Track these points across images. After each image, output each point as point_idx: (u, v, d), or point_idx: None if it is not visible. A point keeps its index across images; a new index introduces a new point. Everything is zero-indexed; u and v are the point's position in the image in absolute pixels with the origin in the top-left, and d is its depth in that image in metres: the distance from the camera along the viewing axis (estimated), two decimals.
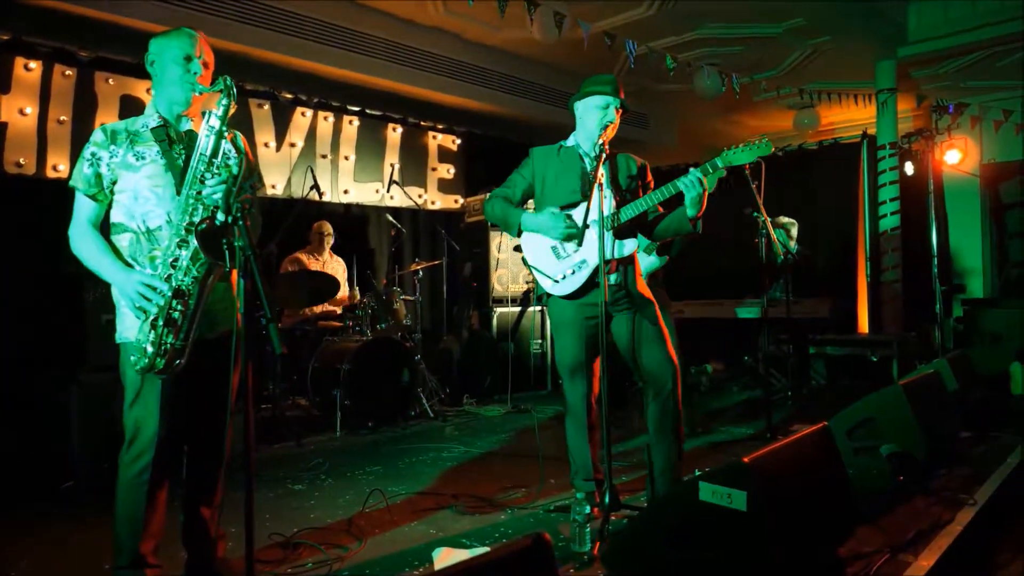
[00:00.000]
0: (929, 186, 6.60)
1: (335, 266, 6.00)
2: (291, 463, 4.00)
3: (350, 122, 6.78)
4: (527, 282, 6.82)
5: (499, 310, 6.58)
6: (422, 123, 7.41)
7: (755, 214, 4.28)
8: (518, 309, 6.64)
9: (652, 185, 3.02)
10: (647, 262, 4.21)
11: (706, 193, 2.75)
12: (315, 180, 5.27)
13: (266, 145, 6.17)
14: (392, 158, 7.09)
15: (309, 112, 6.46)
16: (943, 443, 3.54)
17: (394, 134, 7.15)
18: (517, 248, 6.19)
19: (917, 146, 7.63)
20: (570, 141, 3.03)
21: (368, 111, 6.90)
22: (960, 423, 3.93)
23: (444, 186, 7.60)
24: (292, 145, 6.34)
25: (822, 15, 6.12)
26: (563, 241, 2.88)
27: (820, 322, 6.41)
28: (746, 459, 1.98)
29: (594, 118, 2.86)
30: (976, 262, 8.49)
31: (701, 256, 7.36)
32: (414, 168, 7.31)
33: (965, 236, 8.44)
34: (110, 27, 4.76)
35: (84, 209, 2.19)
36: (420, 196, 7.31)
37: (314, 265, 5.83)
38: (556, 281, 2.88)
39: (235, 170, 1.90)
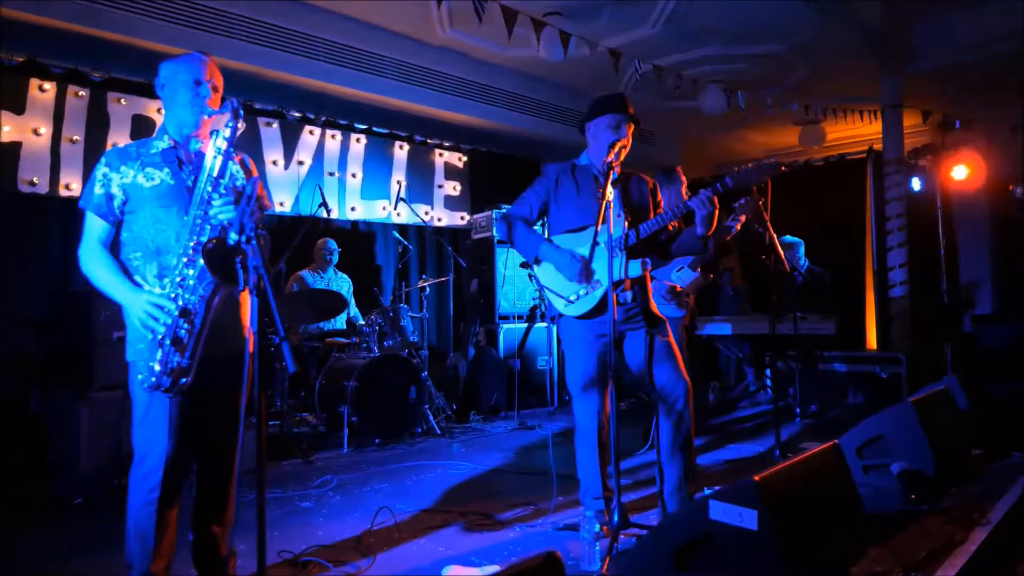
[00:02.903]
0: (937, 202, 6.59)
1: (340, 283, 6.02)
2: (299, 480, 4.00)
3: (357, 140, 6.83)
4: (533, 298, 6.83)
5: (505, 326, 6.59)
6: (429, 141, 7.45)
7: (761, 231, 4.28)
8: (525, 325, 6.64)
9: (662, 205, 3.07)
10: (689, 278, 4.23)
11: (716, 212, 2.77)
12: (323, 197, 5.31)
13: (274, 163, 6.22)
14: (399, 175, 7.13)
15: (317, 130, 6.52)
16: (954, 461, 3.52)
17: (401, 152, 7.20)
18: (523, 265, 6.24)
19: (924, 162, 7.66)
20: (583, 160, 3.06)
21: (375, 129, 6.95)
22: (971, 440, 3.91)
23: (451, 203, 7.64)
24: (300, 163, 6.39)
25: (825, 33, 6.15)
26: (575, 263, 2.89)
27: (827, 338, 6.40)
28: (756, 478, 1.98)
29: (606, 138, 2.89)
30: (985, 278, 8.46)
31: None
32: (421, 185, 7.35)
33: (973, 252, 8.41)
34: (122, 48, 4.82)
35: (94, 229, 2.21)
36: (427, 213, 7.34)
37: (318, 283, 5.86)
38: (570, 301, 2.89)
39: (249, 191, 1.92)
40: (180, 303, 2.06)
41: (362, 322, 5.70)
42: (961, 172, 7.67)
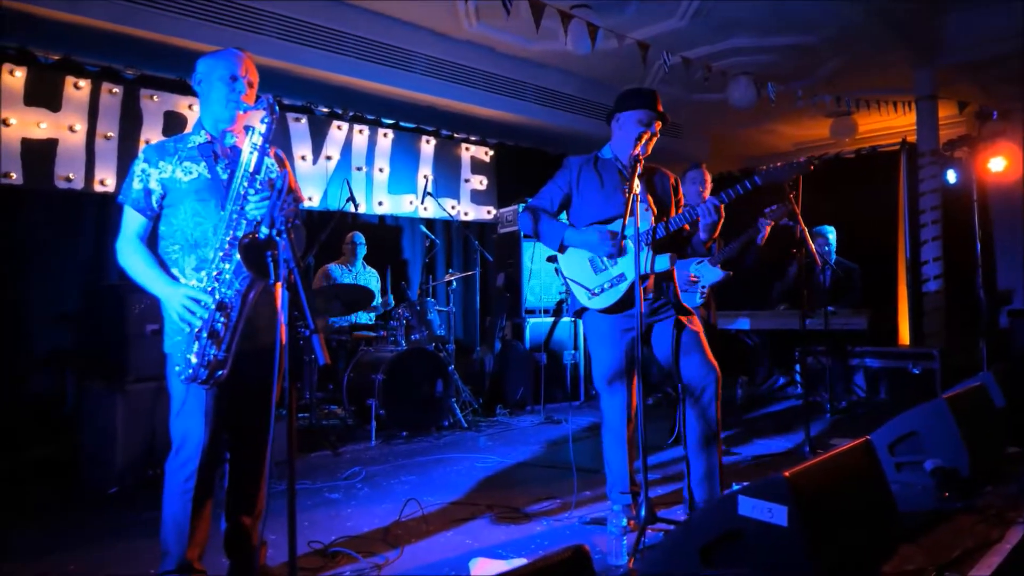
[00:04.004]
0: (973, 194, 6.45)
1: (368, 277, 6.08)
2: (328, 471, 4.05)
3: (384, 135, 6.86)
4: (560, 292, 6.82)
5: (532, 320, 6.59)
6: (455, 135, 7.47)
7: (792, 224, 4.23)
8: (551, 319, 6.64)
9: (683, 201, 3.07)
10: (712, 275, 4.23)
11: (721, 221, 2.81)
12: (351, 192, 5.35)
13: (303, 158, 6.28)
14: (426, 170, 7.16)
15: (345, 125, 6.56)
16: (989, 459, 3.45)
17: (428, 146, 7.22)
18: (550, 259, 6.24)
19: (960, 154, 7.48)
20: (606, 153, 3.04)
21: (402, 124, 6.98)
22: (1007, 438, 3.82)
23: (477, 197, 7.65)
24: (328, 158, 6.44)
25: (857, 24, 6.04)
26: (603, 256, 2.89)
27: (859, 333, 6.30)
28: (787, 473, 1.96)
29: (635, 132, 2.87)
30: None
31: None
32: (447, 179, 7.37)
33: (1011, 245, 8.22)
34: (154, 46, 4.90)
35: (132, 223, 2.25)
36: (453, 207, 7.36)
37: (346, 276, 5.92)
38: (595, 294, 2.89)
39: (279, 184, 1.94)
40: (217, 297, 2.10)
41: (392, 306, 5.74)
42: (998, 164, 7.48)
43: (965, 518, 2.83)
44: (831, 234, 6.26)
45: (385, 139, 6.87)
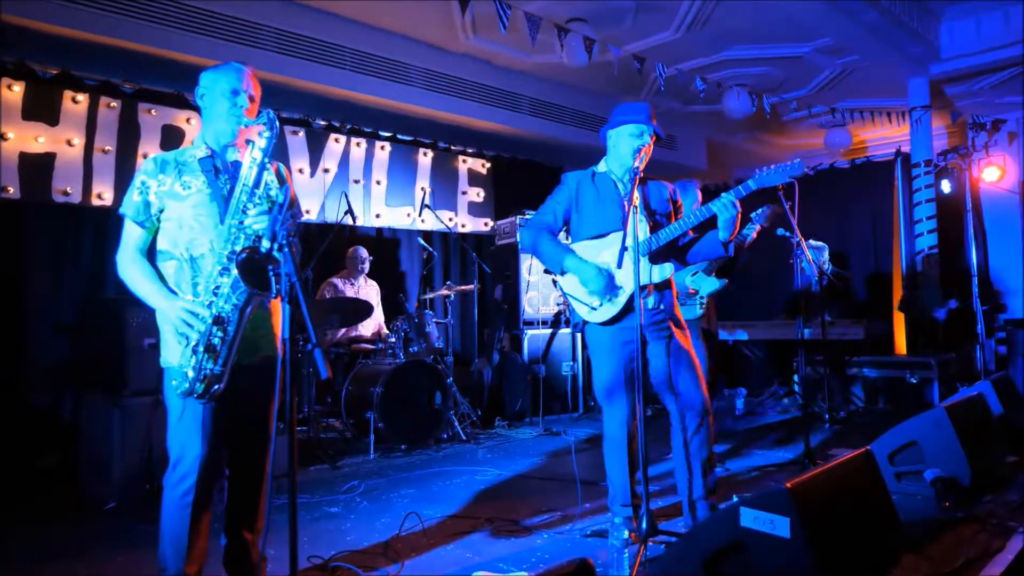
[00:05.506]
0: (967, 204, 6.49)
1: (369, 291, 6.07)
2: (326, 485, 4.03)
3: (382, 147, 6.88)
4: (558, 304, 6.82)
5: (530, 332, 6.58)
6: (452, 147, 7.49)
7: (788, 235, 4.25)
8: (549, 331, 6.64)
9: (681, 209, 3.07)
10: (707, 285, 4.23)
11: (739, 216, 2.76)
12: (349, 205, 5.35)
13: (300, 171, 6.28)
14: (423, 182, 7.17)
15: (342, 138, 6.58)
16: (989, 468, 3.45)
17: (425, 158, 7.24)
18: (547, 271, 6.23)
19: (953, 164, 7.53)
20: (602, 167, 3.06)
21: (399, 136, 7.00)
22: (1006, 447, 3.83)
23: (474, 209, 7.66)
24: (326, 171, 6.45)
25: (850, 34, 6.09)
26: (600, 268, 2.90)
27: (855, 344, 6.31)
28: (788, 484, 1.96)
29: (628, 146, 2.89)
30: (1017, 281, 8.29)
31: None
32: (445, 192, 7.38)
33: (1005, 254, 8.25)
34: (153, 60, 4.91)
35: (132, 236, 2.25)
36: (451, 219, 7.37)
37: (349, 290, 5.91)
38: (594, 308, 2.89)
39: (280, 199, 1.94)
40: (214, 311, 2.09)
41: (386, 332, 5.74)
42: (992, 173, 7.54)
43: (966, 527, 2.83)
44: (823, 251, 6.27)
45: (382, 151, 6.89)
